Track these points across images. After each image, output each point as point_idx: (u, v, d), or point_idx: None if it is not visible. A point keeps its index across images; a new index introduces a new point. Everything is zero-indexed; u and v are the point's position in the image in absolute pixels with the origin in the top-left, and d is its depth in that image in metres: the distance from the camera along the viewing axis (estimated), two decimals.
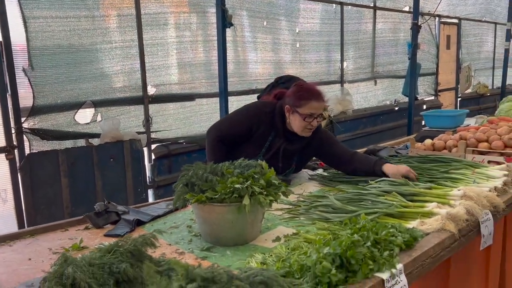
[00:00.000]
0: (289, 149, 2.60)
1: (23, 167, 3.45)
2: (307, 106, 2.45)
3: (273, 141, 2.58)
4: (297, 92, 2.50)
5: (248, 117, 2.58)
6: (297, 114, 2.47)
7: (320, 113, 2.51)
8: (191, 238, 1.95)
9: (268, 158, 2.52)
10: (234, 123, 2.62)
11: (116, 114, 4.09)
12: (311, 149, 2.70)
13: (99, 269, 1.31)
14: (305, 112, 2.45)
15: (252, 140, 2.57)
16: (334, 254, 1.41)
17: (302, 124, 2.48)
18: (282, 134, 2.57)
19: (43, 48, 3.57)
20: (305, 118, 2.46)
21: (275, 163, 2.53)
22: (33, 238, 1.99)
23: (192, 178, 1.87)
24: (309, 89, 2.53)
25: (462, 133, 3.14)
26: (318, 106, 2.47)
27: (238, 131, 2.57)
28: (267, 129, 2.56)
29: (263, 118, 2.55)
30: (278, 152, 2.58)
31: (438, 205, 1.95)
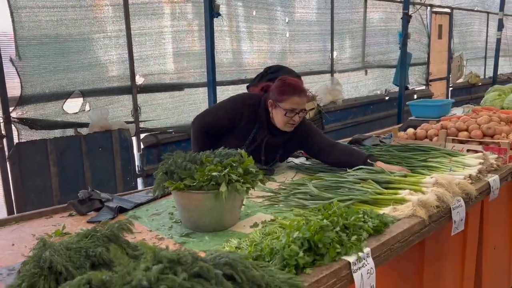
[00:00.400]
0: (272, 143, 2.64)
1: (12, 156, 3.49)
2: (288, 101, 2.49)
3: (257, 133, 2.63)
4: (280, 87, 2.53)
5: (233, 109, 2.62)
6: (279, 109, 2.51)
7: (302, 108, 2.54)
8: (172, 224, 2.01)
9: (251, 150, 2.57)
10: (218, 114, 2.66)
11: (105, 103, 4.12)
12: (294, 143, 2.74)
13: (76, 253, 1.37)
14: (286, 107, 2.49)
15: (236, 132, 2.61)
16: (303, 238, 1.47)
17: (284, 119, 2.52)
18: (266, 127, 2.61)
19: (30, 38, 3.59)
20: (287, 113, 2.50)
21: (258, 156, 2.61)
22: (18, 224, 2.04)
23: (171, 166, 1.92)
24: (291, 84, 2.56)
25: (444, 123, 3.20)
26: (300, 101, 2.51)
27: (223, 122, 2.61)
28: (251, 121, 2.60)
29: (248, 110, 2.59)
30: (261, 145, 2.63)
31: (411, 192, 2.01)
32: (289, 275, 1.33)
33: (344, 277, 1.46)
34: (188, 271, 1.06)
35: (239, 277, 1.15)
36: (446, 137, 3.01)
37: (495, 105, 4.31)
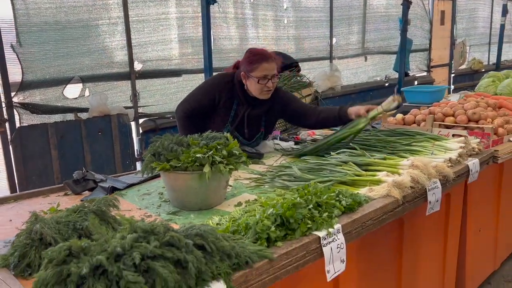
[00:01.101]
0: (254, 114, 2.74)
1: (14, 140, 3.62)
2: (259, 69, 2.60)
3: (237, 109, 2.73)
4: (248, 58, 2.65)
5: (210, 89, 2.72)
6: (252, 79, 2.62)
7: (273, 74, 2.64)
8: (161, 203, 2.12)
9: (236, 125, 2.70)
10: (197, 97, 2.75)
11: (104, 89, 4.22)
12: (275, 111, 2.84)
13: (64, 226, 1.49)
14: (258, 75, 2.60)
15: (218, 111, 2.72)
16: (276, 214, 1.57)
17: (258, 87, 2.63)
18: (245, 101, 2.71)
19: (31, 25, 3.68)
20: (259, 81, 2.61)
21: (243, 130, 2.73)
22: (16, 202, 2.17)
23: (159, 148, 2.02)
24: (258, 53, 2.67)
25: (432, 108, 3.27)
26: (269, 67, 2.62)
27: (203, 104, 2.71)
28: (229, 98, 2.71)
29: (224, 88, 2.70)
30: (243, 119, 2.73)
31: (388, 173, 2.10)
32: (259, 247, 1.44)
33: (313, 250, 1.56)
34: (160, 240, 1.18)
35: (209, 247, 1.26)
36: (433, 122, 3.09)
37: (488, 91, 4.36)
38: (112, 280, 1.07)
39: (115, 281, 1.07)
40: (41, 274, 1.09)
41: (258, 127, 2.83)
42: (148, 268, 1.11)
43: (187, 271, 1.16)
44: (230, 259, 1.30)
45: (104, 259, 1.09)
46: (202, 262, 1.21)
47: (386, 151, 2.58)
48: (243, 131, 2.74)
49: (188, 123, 2.72)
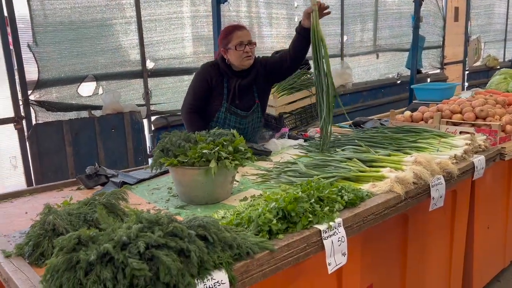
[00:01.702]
0: (244, 84, 2.92)
1: (30, 136, 3.74)
2: (233, 38, 2.81)
3: (228, 84, 2.91)
4: (222, 34, 2.90)
5: (201, 77, 2.92)
6: (230, 50, 2.82)
7: (248, 39, 2.84)
8: (169, 198, 2.19)
9: (231, 100, 2.90)
10: (194, 90, 2.95)
11: (117, 87, 4.32)
12: (261, 77, 3.02)
13: (76, 218, 1.56)
14: (234, 43, 2.80)
15: (214, 93, 2.91)
16: (278, 208, 1.63)
17: (238, 54, 2.81)
18: (232, 75, 2.90)
19: (46, 25, 3.79)
20: (237, 47, 2.79)
21: (239, 102, 2.93)
22: (31, 196, 2.27)
23: (167, 144, 2.09)
24: (229, 26, 2.93)
25: (439, 106, 3.28)
26: (243, 34, 2.83)
27: (201, 92, 2.91)
28: (219, 78, 2.90)
29: (211, 71, 2.90)
30: (235, 91, 2.91)
31: (391, 170, 2.14)
32: (260, 239, 1.49)
33: (314, 243, 1.61)
34: (163, 230, 1.24)
35: (211, 237, 1.32)
36: (440, 120, 3.10)
37: (499, 89, 4.33)
38: (118, 267, 1.14)
39: (121, 268, 1.14)
40: (53, 260, 1.16)
41: (252, 97, 3.00)
42: (152, 257, 1.17)
43: (190, 260, 1.22)
44: (231, 249, 1.36)
45: (110, 247, 1.16)
46: (204, 251, 1.27)
47: (392, 148, 2.61)
48: (239, 103, 2.94)
49: (193, 118, 2.90)
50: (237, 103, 2.93)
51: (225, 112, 2.92)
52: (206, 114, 2.94)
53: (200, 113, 2.91)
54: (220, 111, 2.92)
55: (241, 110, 2.95)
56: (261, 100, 3.07)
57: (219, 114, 2.93)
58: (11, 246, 1.57)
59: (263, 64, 3.03)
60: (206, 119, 2.92)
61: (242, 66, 2.90)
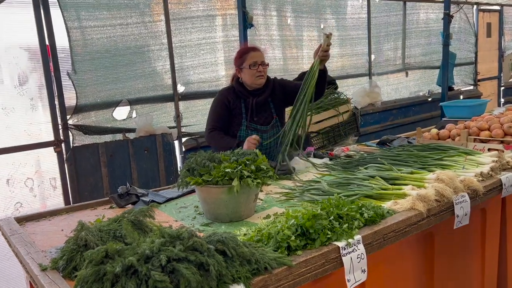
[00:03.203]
0: (260, 101, 3.06)
1: (69, 159, 3.95)
2: (248, 58, 2.97)
3: (246, 104, 3.05)
4: (236, 55, 3.07)
5: (218, 103, 3.08)
6: (244, 69, 2.98)
7: (262, 60, 3.00)
8: (196, 216, 2.28)
9: (250, 118, 3.04)
10: (214, 114, 3.10)
11: (149, 110, 4.51)
12: (278, 95, 3.15)
13: (106, 234, 1.66)
14: (248, 63, 2.96)
15: (233, 114, 3.06)
16: (297, 225, 1.68)
17: (251, 73, 2.97)
18: (248, 94, 3.05)
19: (84, 54, 4.04)
20: (251, 67, 2.95)
21: (258, 119, 3.08)
22: (68, 214, 2.40)
23: (193, 164, 2.19)
24: (243, 47, 3.16)
25: (467, 123, 3.25)
26: (257, 54, 3.00)
27: (221, 115, 3.06)
28: (236, 100, 3.05)
29: (228, 95, 3.05)
30: (253, 108, 3.04)
31: (413, 187, 2.14)
32: (279, 255, 1.54)
33: (333, 259, 1.64)
34: (184, 245, 1.32)
35: (229, 252, 1.39)
36: (468, 137, 3.07)
37: None
38: (142, 279, 1.22)
39: (144, 280, 1.22)
40: (82, 272, 1.26)
41: (270, 113, 3.13)
42: (173, 269, 1.25)
43: (209, 274, 1.29)
44: (250, 264, 1.42)
45: (135, 260, 1.24)
46: (223, 265, 1.33)
47: (417, 166, 2.61)
48: (258, 120, 3.08)
49: (216, 135, 3.05)
50: (256, 120, 3.07)
51: (246, 129, 3.05)
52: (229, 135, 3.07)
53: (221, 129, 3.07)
54: (241, 130, 3.05)
55: (261, 125, 3.08)
56: (279, 115, 3.19)
57: (240, 133, 3.05)
58: (47, 261, 1.68)
59: (282, 86, 3.17)
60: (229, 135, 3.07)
61: (255, 85, 3.03)
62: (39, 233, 2.10)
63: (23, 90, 3.80)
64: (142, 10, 4.36)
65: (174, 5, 4.56)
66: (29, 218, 2.31)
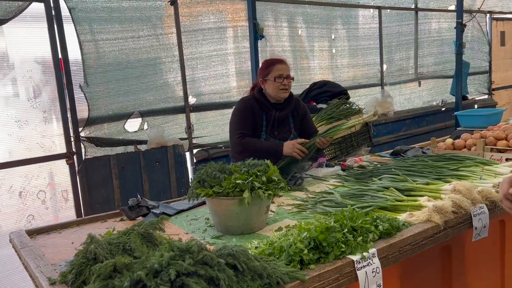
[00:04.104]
0: (281, 116, 3.06)
1: (80, 171, 3.96)
2: (273, 70, 2.97)
3: (267, 116, 3.04)
4: (263, 66, 3.06)
5: (243, 109, 3.05)
6: (269, 81, 2.98)
7: (287, 73, 3.00)
8: (206, 228, 2.25)
9: (269, 131, 3.05)
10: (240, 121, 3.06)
11: (161, 122, 4.51)
12: (298, 115, 3.17)
13: (115, 247, 1.64)
14: (274, 75, 2.96)
15: (254, 126, 3.04)
16: (309, 238, 1.63)
17: (276, 85, 2.96)
18: (271, 107, 3.04)
19: (96, 67, 4.07)
20: (276, 79, 2.95)
21: (276, 133, 3.07)
22: (78, 227, 2.39)
23: (203, 175, 2.17)
24: (270, 59, 3.11)
25: (483, 132, 3.18)
26: (283, 67, 2.99)
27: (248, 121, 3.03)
28: (258, 111, 3.03)
29: (251, 106, 3.03)
30: (274, 122, 3.04)
31: (429, 199, 2.08)
32: (291, 269, 1.50)
33: (347, 273, 1.59)
34: (194, 258, 1.28)
35: (240, 266, 1.35)
36: (484, 146, 3.00)
37: None
38: None
39: None
40: (90, 286, 1.23)
41: (288, 128, 3.14)
42: (182, 284, 1.22)
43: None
44: (261, 278, 1.38)
45: (143, 274, 1.21)
46: (233, 280, 1.30)
47: (432, 176, 2.54)
48: (277, 134, 3.08)
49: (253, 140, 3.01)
50: (275, 134, 3.06)
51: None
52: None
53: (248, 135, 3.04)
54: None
55: (279, 140, 3.06)
56: (296, 131, 3.19)
57: None
58: (56, 274, 1.66)
59: (303, 113, 3.22)
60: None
61: (278, 98, 3.02)
62: (50, 246, 2.09)
63: (36, 103, 3.84)
64: (154, 23, 4.39)
65: (185, 17, 4.59)
66: (40, 231, 2.30)
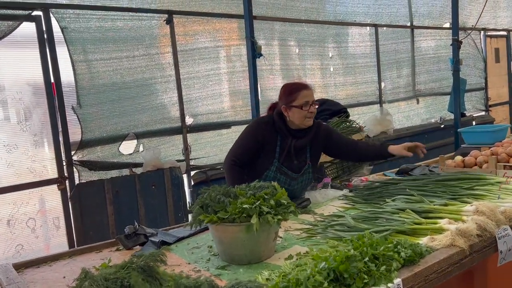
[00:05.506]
0: (298, 145, 2.79)
1: (73, 196, 3.78)
2: (299, 97, 2.71)
3: (282, 143, 2.78)
4: (286, 91, 2.78)
5: (252, 132, 2.81)
6: (294, 108, 2.71)
7: (313, 100, 2.75)
8: (210, 257, 2.08)
9: (283, 159, 2.77)
10: (243, 143, 2.84)
11: (157, 144, 4.36)
12: (319, 142, 2.90)
13: (112, 283, 1.47)
14: (300, 102, 2.70)
15: (265, 151, 2.78)
16: (329, 269, 1.48)
17: (302, 113, 2.71)
18: (288, 134, 2.78)
19: (90, 87, 3.94)
20: (302, 107, 2.70)
21: (290, 162, 2.80)
22: (70, 259, 2.21)
23: (206, 200, 2.01)
24: (295, 83, 2.84)
25: (494, 149, 3.06)
26: (308, 93, 2.75)
27: (249, 147, 2.79)
28: (272, 136, 2.78)
29: (265, 128, 2.78)
30: (290, 151, 2.77)
31: (450, 221, 1.94)
32: None
33: None
34: None
35: None
36: (497, 164, 2.87)
37: None
38: None
39: None
40: None
41: (304, 158, 2.87)
42: None
43: None
44: None
45: None
46: None
47: (446, 196, 2.41)
48: (290, 164, 2.80)
49: (235, 171, 2.77)
50: (289, 164, 2.78)
51: (275, 171, 2.76)
52: (254, 172, 2.77)
53: (243, 168, 2.80)
54: (270, 170, 2.76)
55: (292, 171, 2.80)
56: (313, 162, 2.90)
57: (268, 173, 2.76)
58: None
59: (326, 134, 2.92)
60: (253, 176, 2.72)
61: (303, 126, 2.76)
62: (39, 281, 1.91)
63: (27, 126, 3.68)
64: (149, 42, 4.30)
65: (181, 36, 4.50)
66: (28, 264, 2.11)
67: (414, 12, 7.09)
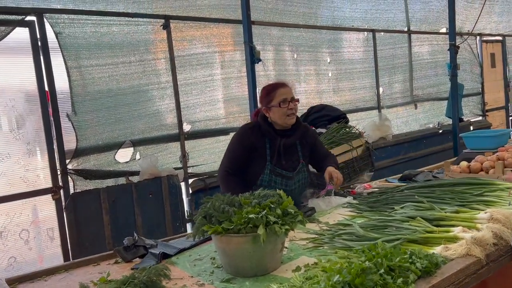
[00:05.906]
0: (288, 143, 2.77)
1: (68, 206, 3.66)
2: (277, 95, 2.70)
3: (271, 145, 2.76)
4: (264, 92, 2.80)
5: (240, 139, 2.80)
6: (274, 107, 2.71)
7: (292, 96, 2.74)
8: (213, 269, 1.99)
9: (275, 161, 2.74)
10: (232, 153, 2.83)
11: (154, 151, 4.26)
12: (307, 143, 2.90)
13: None
14: (278, 100, 2.70)
15: (256, 156, 2.76)
16: (343, 282, 1.40)
17: (281, 111, 2.70)
18: (276, 135, 2.76)
19: (85, 94, 3.84)
20: (281, 105, 2.68)
21: (283, 163, 2.77)
22: (67, 273, 2.11)
23: (210, 210, 1.92)
24: (271, 84, 2.84)
25: (500, 154, 3.01)
26: (286, 91, 2.73)
27: (239, 154, 2.77)
28: (260, 140, 2.76)
29: (251, 134, 2.77)
30: (280, 151, 2.75)
31: (464, 229, 1.87)
32: None
33: None
34: None
35: None
36: (504, 169, 2.82)
37: None
38: None
39: None
40: None
41: (297, 157, 2.85)
42: None
43: None
44: None
45: None
46: None
47: (455, 203, 2.34)
48: (285, 163, 2.78)
49: (229, 180, 2.75)
50: (283, 164, 2.75)
51: (270, 174, 2.71)
52: (248, 178, 2.74)
53: (237, 176, 2.75)
54: (264, 174, 2.71)
55: (286, 171, 2.76)
56: (306, 160, 2.89)
57: (263, 177, 2.71)
58: None
59: (313, 139, 2.96)
60: (247, 183, 2.70)
61: (285, 124, 2.74)
62: None
63: (20, 134, 3.56)
64: (146, 47, 4.21)
65: (178, 42, 4.42)
66: (22, 278, 2.01)
67: (411, 17, 7.07)
